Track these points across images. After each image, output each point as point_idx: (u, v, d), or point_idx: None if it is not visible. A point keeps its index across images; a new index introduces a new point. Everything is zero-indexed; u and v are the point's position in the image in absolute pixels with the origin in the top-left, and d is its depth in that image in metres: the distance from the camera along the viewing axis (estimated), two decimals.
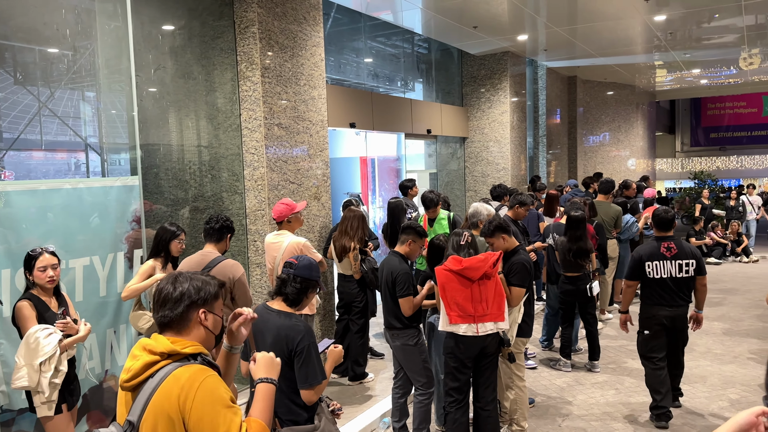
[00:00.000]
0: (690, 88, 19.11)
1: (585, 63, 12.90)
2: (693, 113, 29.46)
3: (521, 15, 8.66)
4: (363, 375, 5.80)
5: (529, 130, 12.41)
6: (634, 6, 8.47)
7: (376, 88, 9.66)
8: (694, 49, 11.98)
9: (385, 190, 9.94)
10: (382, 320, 4.46)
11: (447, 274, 3.95)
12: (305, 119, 6.20)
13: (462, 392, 4.08)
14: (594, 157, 15.66)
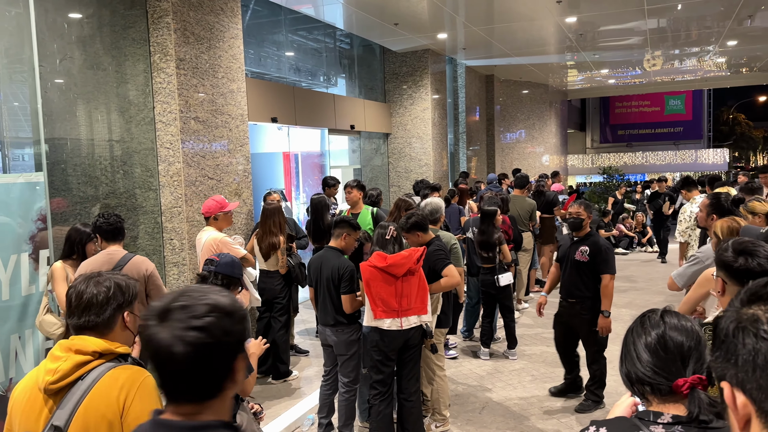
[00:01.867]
0: (599, 87, 20.17)
1: (502, 62, 13.32)
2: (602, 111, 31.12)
3: (441, 13, 8.83)
4: (287, 373, 5.75)
5: (450, 127, 12.68)
6: (546, 7, 8.83)
7: (298, 82, 9.57)
8: (603, 50, 12.64)
9: (309, 186, 9.87)
10: (304, 317, 4.43)
11: (372, 270, 3.97)
12: (224, 113, 6.05)
13: (386, 384, 4.12)
14: (511, 153, 16.22)
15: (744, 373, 0.79)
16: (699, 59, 14.41)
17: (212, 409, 1.24)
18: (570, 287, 4.91)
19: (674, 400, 1.46)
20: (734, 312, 0.84)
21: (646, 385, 1.50)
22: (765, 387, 0.77)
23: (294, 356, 6.30)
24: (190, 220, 5.55)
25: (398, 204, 5.46)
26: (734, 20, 9.88)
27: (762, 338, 0.78)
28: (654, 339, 1.51)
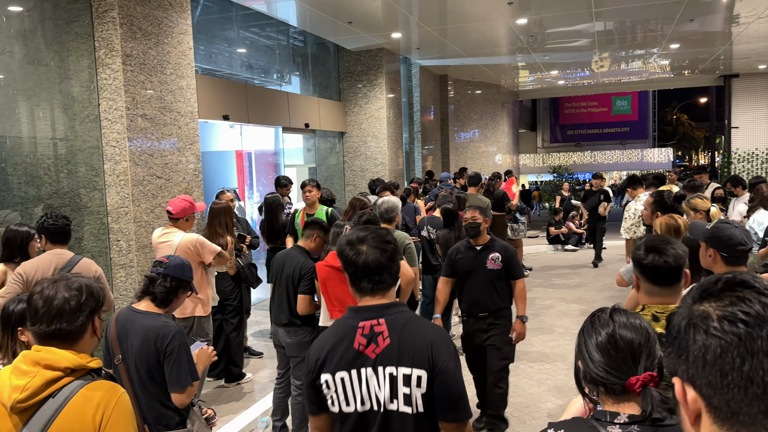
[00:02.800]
0: (549, 88, 20.62)
1: (455, 63, 13.46)
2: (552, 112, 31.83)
3: (394, 13, 8.85)
4: (240, 376, 5.65)
5: (405, 126, 12.73)
6: (498, 9, 8.95)
7: (250, 79, 9.43)
8: (552, 51, 12.92)
9: (263, 185, 9.74)
10: (258, 318, 4.35)
11: (328, 270, 3.93)
12: (173, 110, 5.90)
13: None
14: (465, 153, 16.40)
15: (694, 369, 0.80)
16: (644, 61, 14.89)
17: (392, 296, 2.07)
18: (484, 300, 4.33)
19: (628, 399, 1.48)
20: (686, 309, 0.85)
21: (600, 385, 1.50)
22: (714, 383, 0.78)
23: (247, 358, 6.20)
24: (137, 220, 5.38)
25: (353, 203, 5.43)
26: (677, 24, 10.25)
27: (712, 335, 0.79)
28: (604, 338, 1.51)
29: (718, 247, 2.66)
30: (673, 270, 2.12)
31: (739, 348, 0.76)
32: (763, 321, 0.76)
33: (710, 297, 0.83)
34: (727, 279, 0.84)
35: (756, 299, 0.79)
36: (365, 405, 1.90)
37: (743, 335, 0.76)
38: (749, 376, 0.75)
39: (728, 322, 0.78)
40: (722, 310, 0.80)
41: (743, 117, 15.96)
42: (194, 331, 4.54)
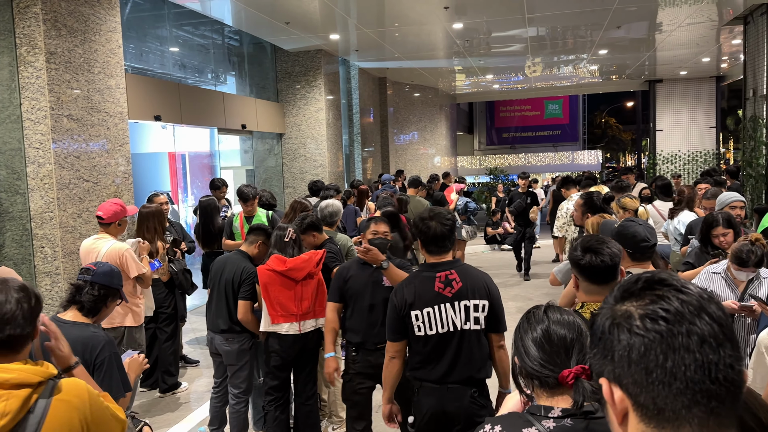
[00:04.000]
0: (485, 92, 21.07)
1: (394, 65, 13.55)
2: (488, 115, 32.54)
3: (332, 14, 8.81)
4: (176, 385, 5.46)
5: (345, 128, 12.71)
6: (435, 13, 9.07)
7: (184, 79, 9.17)
8: (488, 56, 13.21)
9: (198, 188, 9.49)
10: (194, 325, 4.22)
11: (270, 274, 3.86)
12: (101, 110, 5.66)
13: (282, 390, 4.04)
14: (404, 155, 16.53)
15: (620, 368, 0.81)
16: (574, 66, 15.45)
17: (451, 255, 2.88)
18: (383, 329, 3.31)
19: (561, 392, 1.52)
20: (609, 309, 0.86)
21: (535, 379, 1.54)
22: (639, 381, 0.79)
23: (183, 367, 6.01)
24: (63, 225, 5.13)
25: (294, 206, 5.35)
26: (605, 30, 10.68)
27: (635, 333, 0.80)
28: (539, 334, 1.57)
29: (624, 244, 2.79)
30: (609, 269, 2.21)
31: (662, 345, 0.78)
32: (683, 317, 0.79)
33: (631, 296, 0.84)
34: (647, 278, 0.85)
35: (674, 297, 0.81)
36: (444, 328, 2.78)
37: (665, 332, 0.78)
38: (672, 372, 0.77)
39: (650, 320, 0.80)
40: (644, 308, 0.81)
41: (667, 120, 16.80)
42: (125, 341, 4.36)
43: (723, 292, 3.61)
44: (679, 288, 0.82)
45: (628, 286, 0.87)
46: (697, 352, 0.77)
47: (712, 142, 16.63)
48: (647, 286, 0.84)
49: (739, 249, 3.53)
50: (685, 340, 0.77)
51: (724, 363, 0.77)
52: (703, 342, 0.77)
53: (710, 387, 0.76)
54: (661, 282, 0.84)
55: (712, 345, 0.77)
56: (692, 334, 0.77)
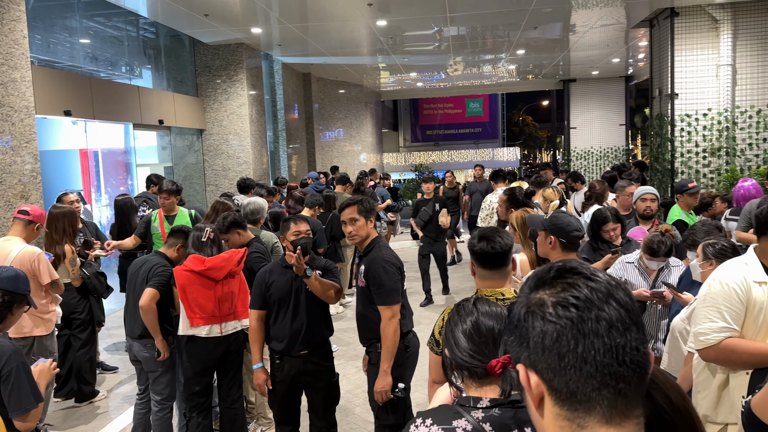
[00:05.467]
0: (409, 89, 21.31)
1: (318, 61, 13.43)
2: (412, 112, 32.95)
3: (253, 7, 8.61)
4: (93, 394, 5.18)
5: (269, 124, 12.48)
6: (358, 9, 9.06)
7: (95, 72, 8.69)
8: (411, 54, 13.35)
9: (112, 186, 9.03)
10: (111, 330, 4.01)
11: (188, 275, 3.72)
12: (4, 105, 5.26)
13: (205, 395, 3.90)
14: (331, 152, 16.46)
15: (535, 354, 0.84)
16: (494, 66, 15.90)
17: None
18: (307, 333, 3.43)
19: (490, 382, 1.55)
20: (524, 297, 0.89)
21: (464, 369, 1.58)
22: (553, 366, 0.82)
23: (101, 374, 5.71)
24: None
25: (215, 207, 5.16)
26: (522, 31, 11.04)
27: (548, 321, 0.83)
28: (469, 326, 1.61)
29: (557, 234, 2.90)
30: (499, 255, 2.36)
31: (573, 331, 0.81)
32: (592, 304, 0.82)
33: (545, 285, 0.88)
34: (559, 267, 0.89)
35: (584, 284, 0.84)
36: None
37: (575, 319, 0.82)
38: (583, 357, 0.80)
39: (561, 308, 0.83)
40: (556, 296, 0.84)
41: (580, 118, 17.61)
42: (35, 350, 4.08)
43: (636, 281, 3.82)
44: (588, 276, 0.86)
45: (541, 275, 0.90)
46: (606, 337, 0.80)
47: (622, 138, 17.59)
48: (559, 274, 0.88)
49: (651, 240, 3.74)
50: (594, 326, 0.81)
51: (631, 346, 0.81)
52: (611, 327, 0.81)
53: (618, 369, 0.80)
54: (571, 270, 0.87)
55: (620, 329, 0.81)
56: (601, 319, 0.81)
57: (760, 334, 2.31)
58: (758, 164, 8.84)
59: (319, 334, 3.50)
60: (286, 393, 3.49)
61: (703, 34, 9.03)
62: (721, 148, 9.06)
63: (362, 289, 3.37)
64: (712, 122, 9.05)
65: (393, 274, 3.25)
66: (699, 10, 8.95)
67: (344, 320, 7.55)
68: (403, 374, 3.34)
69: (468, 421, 1.46)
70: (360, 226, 3.34)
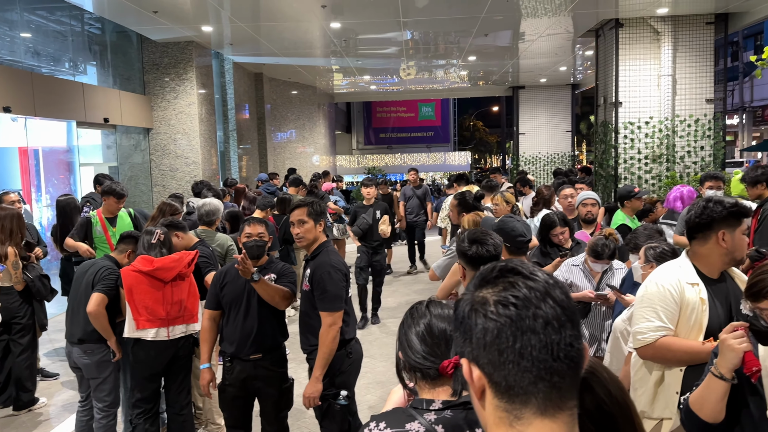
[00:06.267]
0: (362, 92, 21.35)
1: (270, 61, 13.29)
2: (365, 115, 33.02)
3: (204, 6, 8.46)
4: (32, 401, 4.97)
5: (219, 124, 12.26)
6: (312, 11, 9.02)
7: (37, 67, 8.37)
8: (365, 57, 13.38)
9: (53, 186, 8.69)
10: (51, 336, 3.86)
11: (135, 275, 3.62)
12: None
13: (152, 401, 3.80)
14: (283, 153, 16.30)
15: (477, 350, 0.89)
16: (446, 71, 16.10)
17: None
18: (259, 337, 3.37)
19: (442, 383, 1.58)
20: (470, 295, 0.94)
21: (417, 371, 1.60)
22: (493, 361, 0.87)
23: (41, 380, 5.48)
24: None
25: (162, 208, 5.03)
26: (474, 37, 11.23)
27: (489, 318, 0.88)
28: (422, 328, 1.63)
29: (504, 239, 2.97)
30: (493, 257, 2.39)
31: (512, 328, 0.86)
32: (530, 302, 0.87)
33: (488, 284, 0.92)
34: (501, 267, 0.94)
35: (523, 284, 0.89)
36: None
37: (514, 317, 0.87)
38: (520, 353, 0.86)
39: (502, 306, 0.88)
40: (497, 295, 0.89)
41: (528, 124, 18.02)
42: None
43: (581, 283, 3.94)
44: (527, 275, 0.91)
45: (485, 274, 0.94)
46: (542, 334, 0.86)
47: (568, 144, 18.10)
48: (501, 274, 0.92)
49: (595, 243, 3.87)
50: (531, 323, 0.86)
51: (565, 342, 0.87)
52: (547, 324, 0.86)
53: (553, 364, 0.86)
54: (512, 270, 0.92)
55: (555, 326, 0.86)
56: (538, 317, 0.86)
57: (693, 333, 2.41)
58: (696, 171, 9.26)
59: (271, 337, 3.43)
60: (236, 396, 3.43)
61: (645, 45, 9.40)
62: (661, 155, 9.44)
63: (306, 293, 3.33)
64: (653, 130, 9.43)
65: (338, 280, 3.23)
66: (642, 22, 9.31)
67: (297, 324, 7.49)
68: (346, 381, 3.33)
69: (421, 423, 1.49)
70: (308, 229, 3.29)
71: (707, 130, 9.42)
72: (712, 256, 2.45)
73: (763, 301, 1.80)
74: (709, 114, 9.42)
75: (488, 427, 0.91)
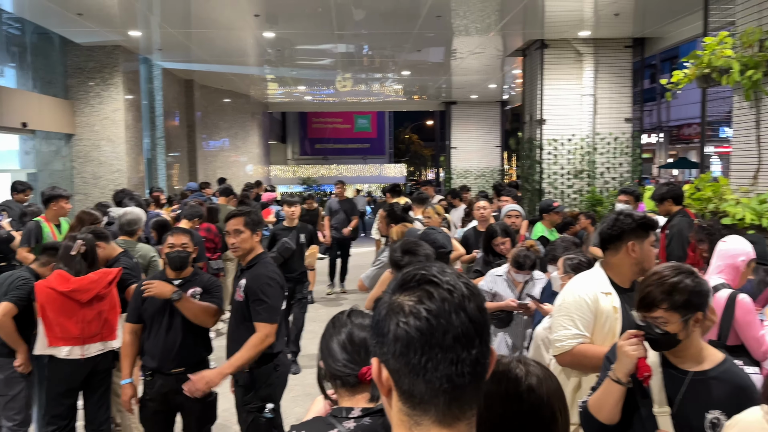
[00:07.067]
0: (298, 102, 21.24)
1: (202, 68, 13.03)
2: (301, 125, 32.84)
3: (133, 10, 8.22)
4: None
5: (147, 131, 11.88)
6: (245, 19, 8.93)
7: None
8: (300, 67, 13.34)
9: None
10: None
11: (50, 293, 3.43)
12: None
13: (67, 418, 3.63)
14: (214, 162, 15.96)
15: (388, 354, 0.92)
16: (381, 84, 16.28)
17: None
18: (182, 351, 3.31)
19: (362, 390, 1.61)
20: (388, 297, 0.95)
21: (338, 379, 1.63)
22: (401, 369, 0.90)
23: None
24: None
25: (81, 217, 4.80)
26: (408, 53, 11.42)
27: (402, 327, 0.90)
28: (344, 337, 1.67)
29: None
30: None
31: (421, 341, 0.88)
32: (442, 316, 0.89)
33: (406, 290, 0.94)
34: (421, 275, 0.95)
35: (439, 295, 0.91)
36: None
37: (424, 330, 0.89)
38: (426, 366, 0.88)
39: (414, 317, 0.90)
40: (412, 305, 0.91)
41: (460, 139, 18.43)
42: None
43: (505, 292, 4.08)
44: (444, 287, 0.92)
45: (405, 279, 0.96)
46: (449, 350, 0.88)
47: (498, 159, 18.64)
48: (417, 284, 0.93)
49: (517, 254, 4.02)
50: (440, 339, 0.88)
51: (471, 359, 0.89)
52: (456, 340, 0.88)
53: (456, 379, 0.88)
54: (430, 281, 0.93)
55: (463, 342, 0.89)
56: (448, 332, 0.88)
57: (608, 340, 2.53)
58: (615, 186, 9.75)
59: (194, 352, 3.39)
60: (157, 411, 3.34)
61: (569, 65, 9.84)
62: (583, 170, 9.89)
63: (239, 303, 3.28)
64: (575, 147, 9.86)
65: (276, 291, 3.21)
66: (565, 43, 9.76)
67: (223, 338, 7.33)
68: (272, 394, 3.31)
69: (340, 431, 1.50)
70: (244, 239, 3.26)
71: (625, 148, 9.94)
72: (623, 266, 2.59)
73: (654, 310, 1.92)
74: (628, 132, 9.95)
75: (392, 426, 0.95)
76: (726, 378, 1.92)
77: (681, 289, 1.88)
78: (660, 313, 1.90)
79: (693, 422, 1.91)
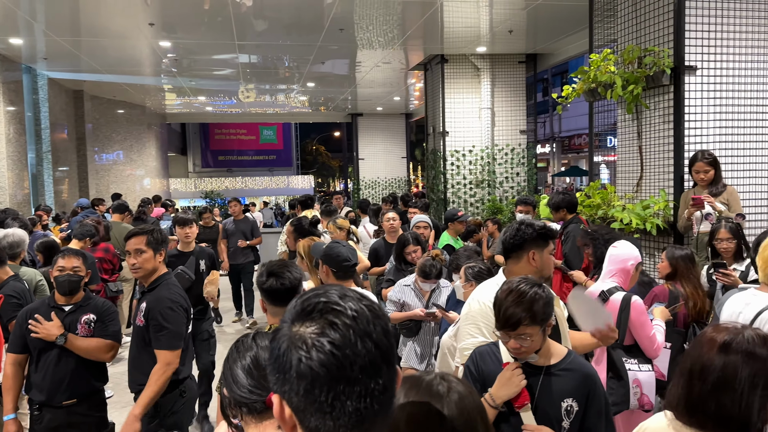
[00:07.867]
0: (198, 113, 20.56)
1: (92, 78, 12.31)
2: (202, 137, 31.83)
3: (14, 17, 7.63)
4: None
5: (31, 145, 11.03)
6: (139, 28, 8.54)
7: None
8: (199, 77, 12.92)
9: None
10: None
11: None
12: None
13: None
14: (107, 176, 15.10)
15: (292, 392, 0.87)
16: (286, 96, 16.11)
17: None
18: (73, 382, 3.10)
19: (269, 416, 1.53)
20: (287, 329, 0.90)
21: (243, 406, 1.52)
22: (306, 408, 0.86)
23: None
24: None
25: None
26: (312, 64, 11.38)
27: (305, 363, 0.85)
28: (248, 361, 1.56)
29: (329, 264, 3.04)
30: (289, 291, 2.32)
31: (327, 377, 0.84)
32: (345, 347, 0.85)
33: (307, 319, 0.89)
34: (323, 304, 0.90)
35: (343, 323, 0.87)
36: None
37: (329, 364, 0.84)
38: (332, 404, 0.84)
39: (317, 351, 0.85)
40: (315, 338, 0.86)
41: (367, 150, 18.60)
42: None
43: (413, 302, 4.13)
44: (348, 313, 0.88)
45: (305, 307, 0.91)
46: (357, 383, 0.85)
47: (404, 170, 18.97)
48: (321, 314, 0.89)
49: (423, 264, 4.08)
50: (347, 372, 0.84)
51: (378, 389, 0.86)
52: (362, 371, 0.85)
53: (365, 412, 0.85)
54: (332, 309, 0.89)
55: (370, 372, 0.86)
56: (354, 364, 0.85)
57: None
58: (513, 195, 10.19)
59: (87, 382, 3.17)
60: None
61: (468, 80, 10.21)
62: (483, 180, 10.26)
63: (140, 328, 3.09)
64: (476, 158, 10.22)
65: (179, 316, 3.05)
66: (464, 58, 10.12)
67: (122, 363, 6.92)
68: (178, 422, 3.15)
69: None
70: (146, 259, 3.08)
71: (522, 159, 10.43)
72: (525, 274, 2.70)
73: (518, 328, 2.03)
74: (523, 143, 10.45)
75: None
76: (573, 368, 2.11)
77: (538, 302, 2.03)
78: (522, 329, 2.02)
79: (551, 413, 2.07)
